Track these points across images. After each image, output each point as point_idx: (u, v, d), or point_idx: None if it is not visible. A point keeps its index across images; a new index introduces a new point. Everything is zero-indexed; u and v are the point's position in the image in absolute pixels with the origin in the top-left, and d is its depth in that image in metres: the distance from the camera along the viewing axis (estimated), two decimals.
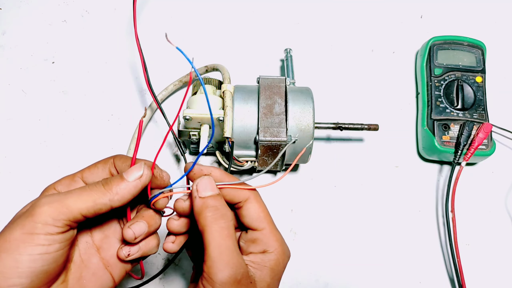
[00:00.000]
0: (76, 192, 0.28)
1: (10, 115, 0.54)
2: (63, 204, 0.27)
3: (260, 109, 0.44)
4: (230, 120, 0.43)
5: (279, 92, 0.45)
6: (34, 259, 0.26)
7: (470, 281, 0.47)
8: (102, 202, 0.28)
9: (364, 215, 0.51)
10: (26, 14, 0.59)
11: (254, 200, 0.33)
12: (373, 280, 0.48)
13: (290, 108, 0.44)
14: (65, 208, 0.27)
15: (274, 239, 0.33)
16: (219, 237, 0.29)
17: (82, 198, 0.28)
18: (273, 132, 0.43)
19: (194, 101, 0.45)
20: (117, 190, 0.29)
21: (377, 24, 0.61)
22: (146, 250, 0.33)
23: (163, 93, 0.53)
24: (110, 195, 0.29)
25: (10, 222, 0.28)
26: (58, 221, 0.27)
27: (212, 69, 0.52)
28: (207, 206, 0.30)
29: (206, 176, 0.32)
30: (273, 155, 0.45)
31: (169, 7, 0.61)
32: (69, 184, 0.31)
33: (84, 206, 0.28)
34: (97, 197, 0.28)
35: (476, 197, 0.52)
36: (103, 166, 0.33)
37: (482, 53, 0.54)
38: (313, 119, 0.44)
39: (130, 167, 0.31)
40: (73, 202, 0.27)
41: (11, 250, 0.26)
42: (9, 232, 0.26)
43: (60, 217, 0.27)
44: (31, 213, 0.27)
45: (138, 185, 0.30)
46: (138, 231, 0.31)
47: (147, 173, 0.30)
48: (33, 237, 0.26)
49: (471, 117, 0.51)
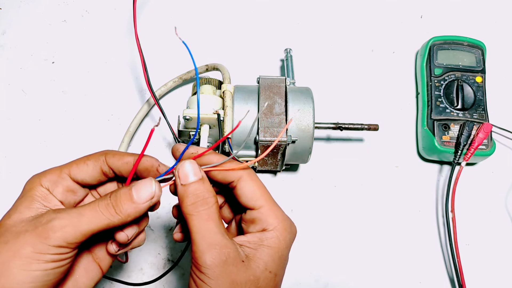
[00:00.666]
0: (88, 214, 0.28)
1: (10, 115, 0.54)
2: (77, 228, 0.27)
3: (260, 109, 0.44)
4: (230, 120, 0.43)
5: (279, 92, 0.45)
6: (47, 273, 0.27)
7: (470, 281, 0.47)
8: (115, 224, 0.29)
9: (364, 215, 0.51)
10: (26, 14, 0.59)
11: (247, 178, 0.31)
12: (373, 280, 0.48)
13: (290, 108, 0.44)
14: (78, 233, 0.27)
15: (273, 216, 0.31)
16: (199, 222, 0.29)
17: (95, 221, 0.28)
18: (273, 132, 0.43)
19: (194, 101, 0.45)
20: (128, 213, 0.29)
21: (377, 24, 0.61)
22: (135, 244, 0.33)
23: (162, 89, 0.53)
24: (122, 217, 0.29)
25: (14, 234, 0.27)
26: (71, 244, 0.27)
27: (212, 69, 0.52)
28: (187, 194, 0.30)
29: (188, 161, 0.31)
30: (273, 155, 0.45)
31: (169, 7, 0.61)
32: (56, 181, 0.31)
33: (96, 228, 0.28)
34: (110, 219, 0.28)
35: (476, 197, 0.52)
36: (93, 164, 0.32)
37: (482, 53, 0.54)
38: (313, 119, 0.44)
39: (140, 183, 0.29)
40: (87, 226, 0.28)
41: (24, 266, 0.26)
42: (19, 248, 0.26)
43: (73, 240, 0.27)
44: (44, 236, 0.27)
45: (149, 206, 0.30)
46: (130, 233, 0.31)
47: (158, 194, 0.30)
48: (46, 256, 0.27)
49: (471, 117, 0.51)
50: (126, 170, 0.32)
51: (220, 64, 0.50)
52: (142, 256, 0.48)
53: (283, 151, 0.44)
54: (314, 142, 0.49)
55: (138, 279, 0.47)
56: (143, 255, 0.48)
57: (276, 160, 0.45)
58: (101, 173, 0.32)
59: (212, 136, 0.48)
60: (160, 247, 0.48)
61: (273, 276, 0.30)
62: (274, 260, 0.30)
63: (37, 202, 0.30)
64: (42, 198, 0.30)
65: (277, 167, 0.47)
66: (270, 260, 0.30)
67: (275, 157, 0.45)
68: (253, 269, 0.29)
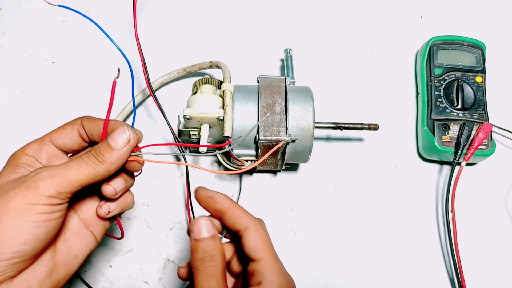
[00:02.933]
0: (74, 165, 0.29)
1: (10, 115, 0.54)
2: (66, 178, 0.28)
3: (260, 108, 0.44)
4: (230, 119, 0.43)
5: (279, 91, 0.45)
6: (38, 225, 0.27)
7: (470, 281, 0.47)
8: (101, 173, 0.30)
9: (364, 215, 0.51)
10: (26, 14, 0.59)
11: (253, 228, 0.32)
12: (373, 280, 0.48)
13: (290, 108, 0.44)
14: (67, 182, 0.28)
15: (271, 270, 0.31)
16: (203, 278, 0.30)
17: (82, 171, 0.29)
18: (273, 131, 0.43)
19: (194, 101, 0.45)
20: (111, 160, 0.30)
21: (377, 24, 0.61)
22: (124, 206, 0.34)
23: (165, 77, 0.54)
24: (107, 165, 0.30)
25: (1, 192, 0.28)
26: (61, 193, 0.28)
27: (216, 66, 0.52)
28: (198, 249, 0.31)
29: (203, 218, 0.32)
30: (273, 155, 0.45)
31: (169, 7, 0.61)
32: (39, 148, 0.32)
33: (84, 178, 0.29)
34: (95, 169, 0.29)
35: (476, 197, 0.52)
36: (71, 128, 0.33)
37: (482, 53, 0.54)
38: (313, 119, 0.44)
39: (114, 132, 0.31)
40: (75, 176, 0.29)
41: (14, 218, 0.27)
42: (8, 202, 0.27)
43: (63, 190, 0.28)
44: (33, 186, 0.27)
45: (129, 150, 0.31)
46: (118, 187, 0.32)
47: (133, 136, 0.31)
48: (36, 207, 0.27)
49: (471, 117, 0.51)
50: (97, 133, 0.33)
51: (222, 63, 0.50)
52: (142, 256, 0.48)
53: (283, 150, 0.44)
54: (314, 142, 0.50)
55: (138, 279, 0.47)
56: (143, 255, 0.48)
57: (276, 159, 0.45)
58: (79, 136, 0.34)
59: (212, 136, 0.48)
60: (160, 247, 0.48)
61: None
62: None
63: (22, 168, 0.31)
64: (27, 164, 0.31)
65: (277, 166, 0.47)
66: None
67: (275, 156, 0.45)
68: None
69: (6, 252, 0.26)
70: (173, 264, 0.48)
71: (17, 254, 0.27)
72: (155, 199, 0.50)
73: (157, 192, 0.51)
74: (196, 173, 0.51)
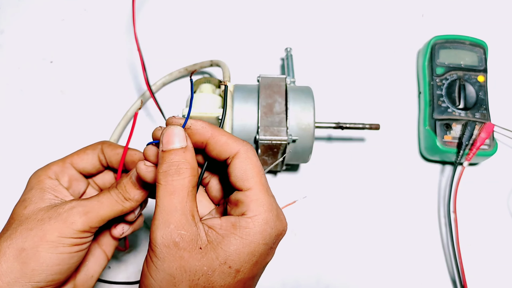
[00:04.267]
0: (106, 202, 0.31)
1: (9, 114, 0.53)
2: (98, 214, 0.30)
3: (260, 108, 0.43)
4: (230, 119, 0.43)
5: (280, 91, 0.44)
6: (72, 256, 0.29)
7: (472, 282, 0.46)
8: (127, 209, 0.32)
9: (365, 215, 0.50)
10: (24, 13, 0.59)
11: (243, 155, 0.28)
12: (374, 281, 0.48)
13: (291, 107, 0.43)
14: (99, 218, 0.30)
15: (258, 202, 0.27)
16: (164, 195, 0.26)
17: (112, 208, 0.31)
18: (273, 131, 0.42)
19: (194, 100, 0.45)
20: (137, 198, 0.32)
21: (378, 23, 0.60)
22: (136, 227, 0.36)
23: (166, 77, 0.54)
24: (133, 203, 0.32)
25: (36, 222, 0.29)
26: (93, 228, 0.30)
27: (216, 65, 0.52)
28: (163, 161, 0.27)
29: (173, 127, 0.27)
30: (274, 155, 0.44)
31: (169, 5, 0.60)
32: (61, 171, 0.33)
33: (114, 214, 0.31)
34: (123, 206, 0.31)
35: (478, 197, 0.52)
36: (92, 152, 0.34)
37: (484, 52, 0.54)
38: (313, 119, 0.44)
39: None
40: (106, 213, 0.30)
41: (51, 249, 0.28)
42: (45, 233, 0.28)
43: (95, 225, 0.30)
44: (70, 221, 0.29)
45: None
46: (137, 212, 0.34)
47: None
48: (71, 240, 0.29)
49: (473, 116, 0.51)
50: (116, 160, 0.34)
51: (221, 62, 0.50)
52: (141, 256, 0.47)
53: (284, 150, 0.43)
54: (315, 142, 0.49)
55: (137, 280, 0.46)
56: (142, 256, 0.47)
57: (277, 159, 0.45)
58: (99, 161, 0.35)
59: None
60: None
61: (234, 272, 0.25)
62: (239, 254, 0.25)
63: (48, 193, 0.31)
64: (52, 189, 0.32)
65: (277, 167, 0.47)
66: (234, 254, 0.25)
67: (275, 156, 0.44)
68: (210, 259, 0.25)
69: (43, 280, 0.28)
70: None
71: (52, 282, 0.29)
72: None
73: None
74: None
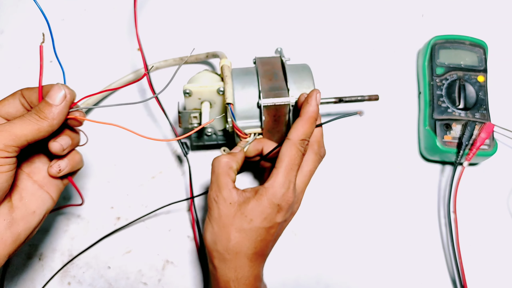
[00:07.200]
0: (18, 122, 0.31)
1: None
2: (11, 132, 0.30)
3: (260, 78, 0.44)
4: (231, 87, 0.43)
5: (277, 66, 0.45)
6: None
7: (472, 282, 0.46)
8: (45, 129, 0.32)
9: (366, 215, 0.50)
10: (24, 12, 0.59)
11: (287, 143, 0.37)
12: (374, 281, 0.48)
13: (290, 76, 0.44)
14: (13, 136, 0.30)
15: (276, 178, 0.35)
16: None
17: (26, 127, 0.31)
18: (276, 94, 0.43)
19: (194, 79, 0.46)
20: (52, 116, 0.32)
21: (378, 23, 0.60)
22: (74, 164, 0.36)
23: (161, 63, 0.55)
24: (49, 121, 0.32)
25: None
26: (8, 146, 0.30)
27: (212, 56, 0.53)
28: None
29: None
30: (278, 123, 0.44)
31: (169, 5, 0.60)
32: None
33: (29, 133, 0.31)
34: (39, 125, 0.31)
35: (478, 197, 0.52)
36: (12, 98, 0.35)
37: (484, 53, 0.54)
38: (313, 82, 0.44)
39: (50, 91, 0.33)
40: (20, 131, 0.30)
41: None
42: None
43: (9, 143, 0.30)
44: None
45: (67, 104, 0.33)
46: (64, 143, 0.34)
47: (69, 91, 0.33)
48: None
49: (473, 117, 0.51)
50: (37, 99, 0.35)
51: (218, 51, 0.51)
52: (141, 257, 0.47)
53: (288, 116, 0.43)
54: None
55: (137, 280, 0.46)
56: (142, 256, 0.47)
57: (281, 126, 0.44)
58: (21, 105, 0.35)
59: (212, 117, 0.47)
60: (159, 248, 0.48)
61: (248, 220, 0.35)
62: (253, 209, 0.35)
63: None
64: None
65: (283, 136, 0.46)
66: (249, 208, 0.35)
67: (279, 124, 0.44)
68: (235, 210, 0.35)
69: None
70: (172, 265, 0.47)
71: None
72: (154, 199, 0.50)
73: (155, 193, 0.50)
74: (197, 173, 0.51)
